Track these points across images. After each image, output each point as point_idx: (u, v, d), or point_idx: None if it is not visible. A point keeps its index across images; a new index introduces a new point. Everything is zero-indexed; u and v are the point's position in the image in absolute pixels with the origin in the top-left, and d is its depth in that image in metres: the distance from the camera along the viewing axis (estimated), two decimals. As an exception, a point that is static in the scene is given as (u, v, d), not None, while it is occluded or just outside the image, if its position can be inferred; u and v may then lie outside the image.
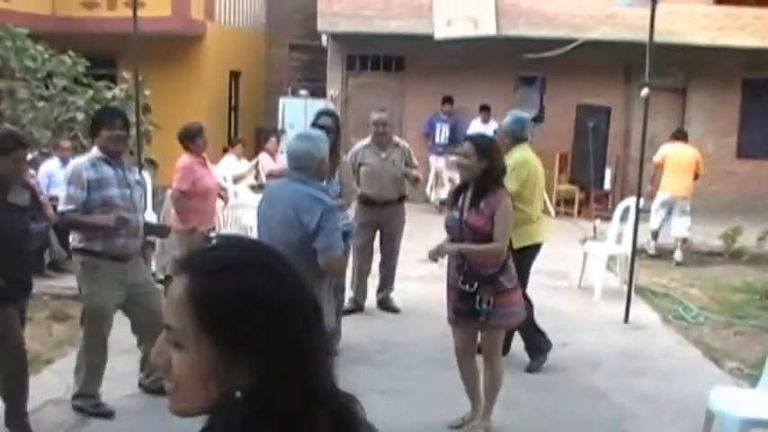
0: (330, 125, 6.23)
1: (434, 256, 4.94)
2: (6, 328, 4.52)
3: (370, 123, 7.60)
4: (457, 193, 5.02)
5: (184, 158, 7.09)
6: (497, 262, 4.81)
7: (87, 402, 5.10)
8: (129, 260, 5.10)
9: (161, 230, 6.15)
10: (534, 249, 6.31)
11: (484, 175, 4.82)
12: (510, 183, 5.57)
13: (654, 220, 10.88)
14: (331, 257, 4.29)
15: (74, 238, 5.21)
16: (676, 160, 10.73)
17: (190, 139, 7.11)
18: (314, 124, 6.30)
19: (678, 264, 10.46)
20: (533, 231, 6.25)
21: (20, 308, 4.70)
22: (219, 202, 8.21)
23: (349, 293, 7.52)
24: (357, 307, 7.66)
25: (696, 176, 11.08)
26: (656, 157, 10.99)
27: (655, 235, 10.90)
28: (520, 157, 6.13)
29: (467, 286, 4.75)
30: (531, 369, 6.28)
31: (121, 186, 5.05)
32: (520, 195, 5.90)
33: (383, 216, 7.52)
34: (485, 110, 14.29)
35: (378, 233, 7.66)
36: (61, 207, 5.00)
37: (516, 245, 5.60)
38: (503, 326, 4.97)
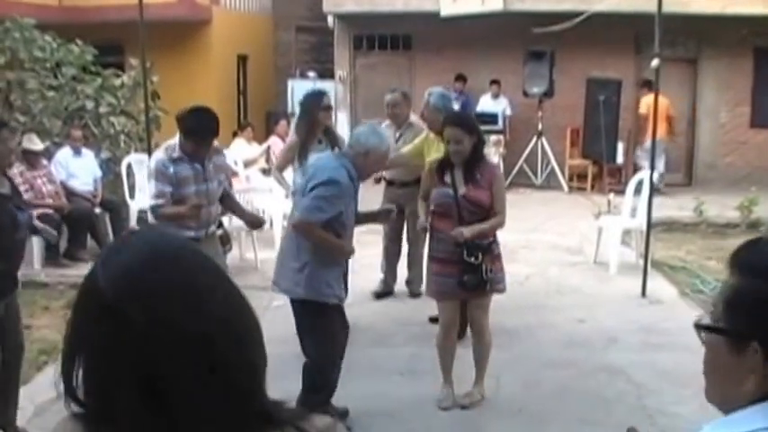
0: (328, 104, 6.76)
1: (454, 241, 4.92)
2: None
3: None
4: (441, 169, 5.03)
5: None
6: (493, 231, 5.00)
7: None
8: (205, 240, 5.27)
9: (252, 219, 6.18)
10: None
11: (474, 149, 4.93)
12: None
13: (645, 164, 11.60)
14: (300, 218, 4.57)
15: None
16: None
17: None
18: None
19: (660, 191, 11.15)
20: None
21: (7, 302, 4.52)
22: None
23: (380, 276, 7.69)
24: (388, 290, 7.66)
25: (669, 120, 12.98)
26: (643, 109, 12.86)
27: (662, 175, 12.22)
28: None
29: (472, 258, 4.83)
30: None
31: (198, 182, 5.23)
32: None
33: (403, 198, 7.46)
34: (495, 84, 14.23)
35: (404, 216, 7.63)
36: (151, 202, 5.29)
37: None
38: (499, 290, 5.10)
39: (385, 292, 7.66)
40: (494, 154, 13.56)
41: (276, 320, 6.84)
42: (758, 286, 1.23)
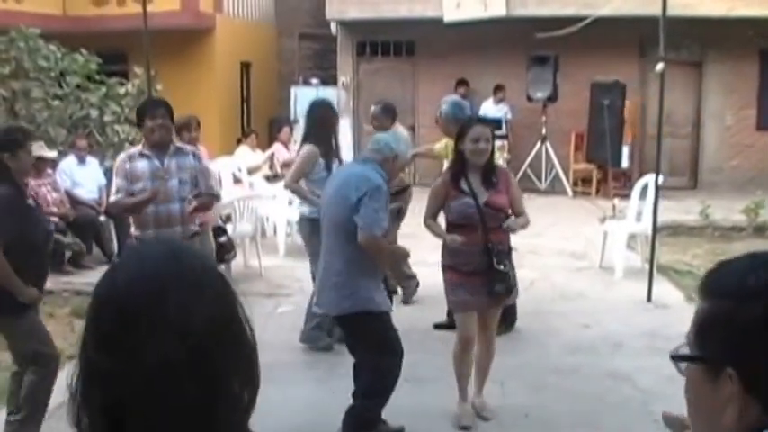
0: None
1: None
2: (43, 334, 4.54)
3: None
4: (455, 179, 4.92)
5: None
6: (509, 237, 4.96)
7: None
8: None
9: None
10: None
11: (491, 153, 4.95)
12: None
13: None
14: (367, 235, 4.34)
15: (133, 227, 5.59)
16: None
17: (177, 132, 7.08)
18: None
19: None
20: None
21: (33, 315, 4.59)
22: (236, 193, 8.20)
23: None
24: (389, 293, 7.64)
25: None
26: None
27: None
28: None
29: (501, 266, 4.81)
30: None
31: (155, 178, 5.23)
32: None
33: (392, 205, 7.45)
34: (499, 90, 14.23)
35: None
36: (111, 198, 5.45)
37: None
38: (517, 296, 5.23)
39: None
40: (498, 159, 13.54)
41: (282, 327, 6.86)
42: (726, 308, 1.16)
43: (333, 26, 15.60)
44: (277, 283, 8.29)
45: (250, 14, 17.51)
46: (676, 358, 1.23)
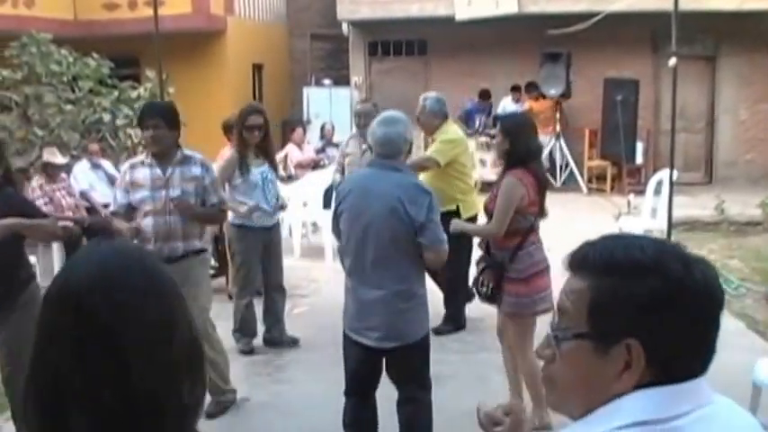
0: (260, 123, 6.28)
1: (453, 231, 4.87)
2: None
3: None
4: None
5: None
6: (509, 246, 4.69)
7: None
8: (172, 263, 4.79)
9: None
10: (475, 220, 6.38)
11: (507, 155, 4.77)
12: (440, 156, 6.34)
13: None
14: (439, 249, 4.03)
15: None
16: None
17: (225, 132, 7.29)
18: (244, 126, 6.23)
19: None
20: (476, 201, 6.41)
21: None
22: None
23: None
24: None
25: None
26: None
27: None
28: (454, 132, 6.62)
29: (477, 266, 4.87)
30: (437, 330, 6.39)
31: (156, 188, 5.00)
32: (465, 168, 6.53)
33: None
34: (516, 90, 14.24)
35: None
36: (110, 208, 5.26)
37: (465, 215, 6.24)
38: (510, 314, 4.78)
39: None
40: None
41: (298, 328, 6.85)
42: (623, 284, 1.23)
43: (344, 26, 15.59)
44: (293, 284, 8.27)
45: (261, 16, 17.54)
46: (561, 339, 1.29)
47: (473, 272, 5.11)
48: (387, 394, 4.33)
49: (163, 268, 1.25)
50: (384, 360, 4.19)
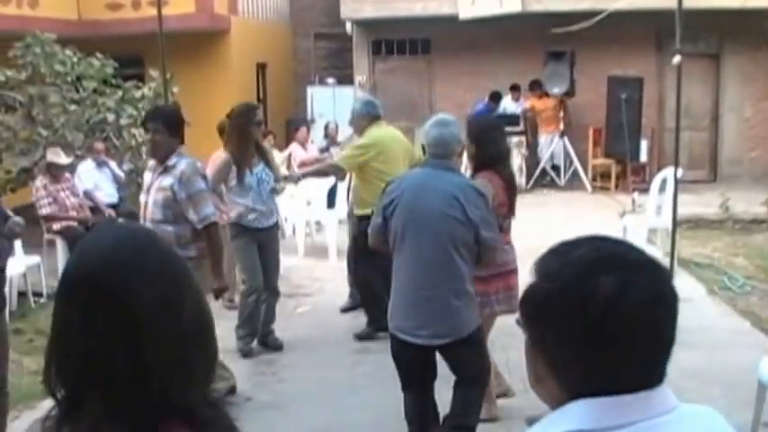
0: (262, 118, 6.26)
1: None
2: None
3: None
4: None
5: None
6: None
7: None
8: None
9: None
10: None
11: (474, 158, 4.79)
12: (344, 162, 6.45)
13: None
14: (497, 248, 4.17)
15: None
16: None
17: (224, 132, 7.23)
18: (253, 122, 6.16)
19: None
20: None
21: None
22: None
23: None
24: (354, 304, 7.33)
25: None
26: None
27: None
28: (373, 137, 6.45)
29: None
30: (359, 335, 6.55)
31: (144, 193, 5.07)
32: (381, 173, 6.19)
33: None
34: (515, 89, 14.24)
35: None
36: None
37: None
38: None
39: (351, 306, 7.35)
40: (516, 155, 13.51)
41: (302, 327, 6.87)
42: (538, 285, 1.28)
43: (348, 25, 15.58)
44: (296, 284, 8.29)
45: (265, 15, 17.54)
46: (518, 323, 1.34)
47: None
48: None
49: (172, 248, 1.32)
50: (437, 353, 4.28)
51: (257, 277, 6.23)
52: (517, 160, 13.49)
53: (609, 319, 1.20)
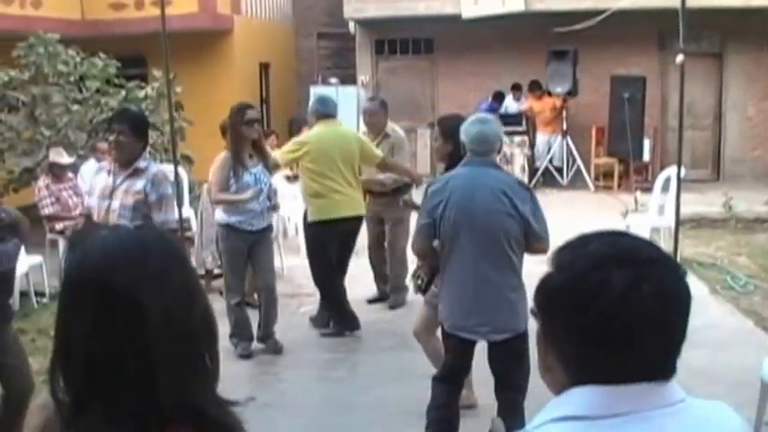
0: (258, 117, 6.27)
1: None
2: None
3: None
4: None
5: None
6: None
7: None
8: None
9: None
10: (330, 225, 6.42)
11: (450, 156, 4.78)
12: (280, 157, 6.51)
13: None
14: (547, 240, 4.13)
15: None
16: None
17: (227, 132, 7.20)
18: (243, 121, 6.10)
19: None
20: (326, 206, 6.42)
21: None
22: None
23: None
24: (382, 296, 7.62)
25: None
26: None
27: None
28: (311, 133, 6.58)
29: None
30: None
31: (103, 197, 4.98)
32: (312, 173, 6.39)
33: (380, 207, 7.29)
34: (516, 89, 14.25)
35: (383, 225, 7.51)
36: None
37: (310, 218, 6.42)
38: (426, 301, 4.94)
39: (379, 298, 7.61)
40: (519, 155, 13.51)
41: (304, 327, 6.87)
42: (551, 276, 1.30)
43: (351, 25, 15.59)
44: (299, 283, 8.29)
45: (268, 15, 17.54)
46: (532, 312, 1.36)
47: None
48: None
49: (177, 247, 1.32)
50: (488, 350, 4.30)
51: (240, 281, 6.28)
52: (520, 159, 13.49)
53: (619, 312, 1.21)
